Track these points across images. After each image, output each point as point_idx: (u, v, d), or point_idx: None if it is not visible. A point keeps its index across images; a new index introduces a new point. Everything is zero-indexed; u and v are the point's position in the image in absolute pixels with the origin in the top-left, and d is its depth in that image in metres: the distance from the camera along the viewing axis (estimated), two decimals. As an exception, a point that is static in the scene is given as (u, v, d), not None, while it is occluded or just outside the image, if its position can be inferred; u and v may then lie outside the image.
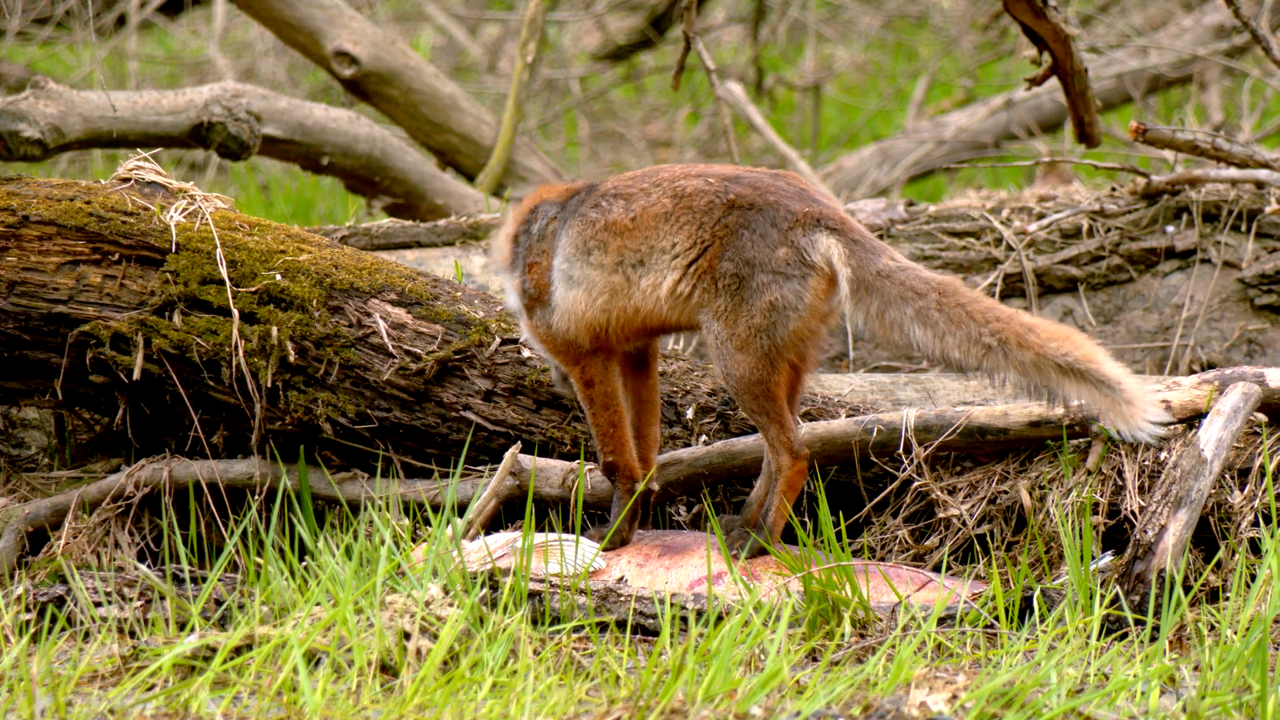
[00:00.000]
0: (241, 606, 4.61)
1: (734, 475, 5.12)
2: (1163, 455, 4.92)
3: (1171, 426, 4.83)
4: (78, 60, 12.07)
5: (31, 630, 4.56)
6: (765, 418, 4.70)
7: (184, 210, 5.40)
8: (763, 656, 4.23)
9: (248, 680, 4.03)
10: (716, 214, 4.69)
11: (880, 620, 4.50)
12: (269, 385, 5.27)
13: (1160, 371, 6.57)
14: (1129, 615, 4.54)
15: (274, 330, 5.27)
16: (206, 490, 5.34)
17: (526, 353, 5.31)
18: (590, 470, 5.11)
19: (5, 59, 10.92)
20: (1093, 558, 4.79)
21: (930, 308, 4.52)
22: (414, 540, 5.04)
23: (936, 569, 4.92)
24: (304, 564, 4.67)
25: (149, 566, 5.10)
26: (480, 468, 5.29)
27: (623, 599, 4.62)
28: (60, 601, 4.70)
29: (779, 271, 4.63)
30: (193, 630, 4.46)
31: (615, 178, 4.89)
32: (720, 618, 4.46)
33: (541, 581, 4.62)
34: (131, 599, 4.69)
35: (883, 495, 5.14)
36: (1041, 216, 6.68)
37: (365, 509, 5.14)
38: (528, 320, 4.91)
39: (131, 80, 11.44)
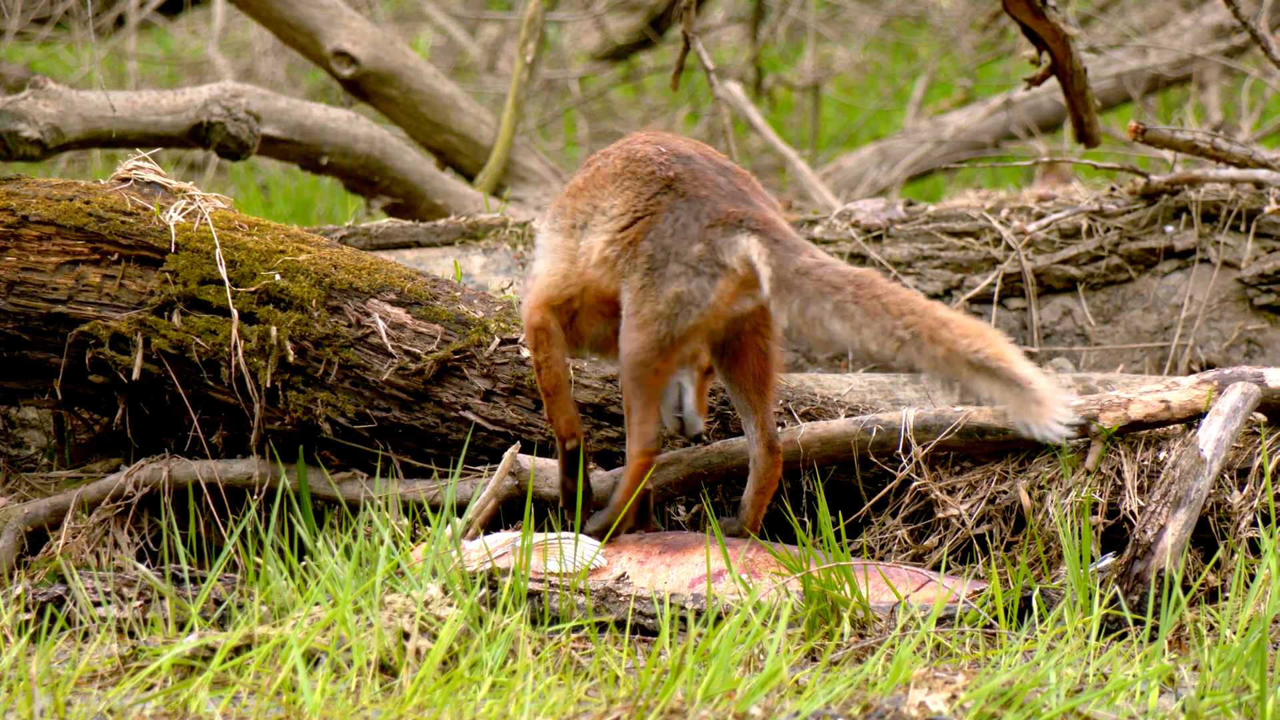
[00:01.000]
0: (241, 606, 4.61)
1: (733, 475, 5.12)
2: (1162, 455, 4.93)
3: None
4: (77, 60, 12.07)
5: (31, 630, 4.56)
6: (637, 400, 4.74)
7: (183, 210, 5.40)
8: (762, 656, 4.23)
9: (247, 680, 4.03)
10: (654, 188, 4.72)
11: (879, 620, 4.51)
12: (268, 385, 5.27)
13: (1159, 371, 6.58)
14: (1128, 615, 4.54)
15: (273, 330, 5.27)
16: (206, 490, 5.34)
17: (525, 352, 5.31)
18: (591, 469, 5.11)
19: (4, 59, 10.92)
20: (1092, 558, 4.79)
21: (847, 301, 4.52)
22: (413, 540, 5.04)
23: (936, 569, 4.92)
24: (303, 564, 4.67)
25: (148, 566, 5.10)
26: (480, 468, 5.29)
27: (622, 599, 4.62)
28: (59, 601, 4.70)
29: (691, 266, 4.65)
30: (192, 630, 4.46)
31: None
32: (720, 617, 4.46)
33: (541, 581, 4.62)
34: (131, 599, 4.69)
35: (882, 495, 5.14)
36: (1041, 216, 6.68)
37: (364, 509, 5.14)
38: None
39: (131, 80, 11.44)
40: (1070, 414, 4.46)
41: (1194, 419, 4.92)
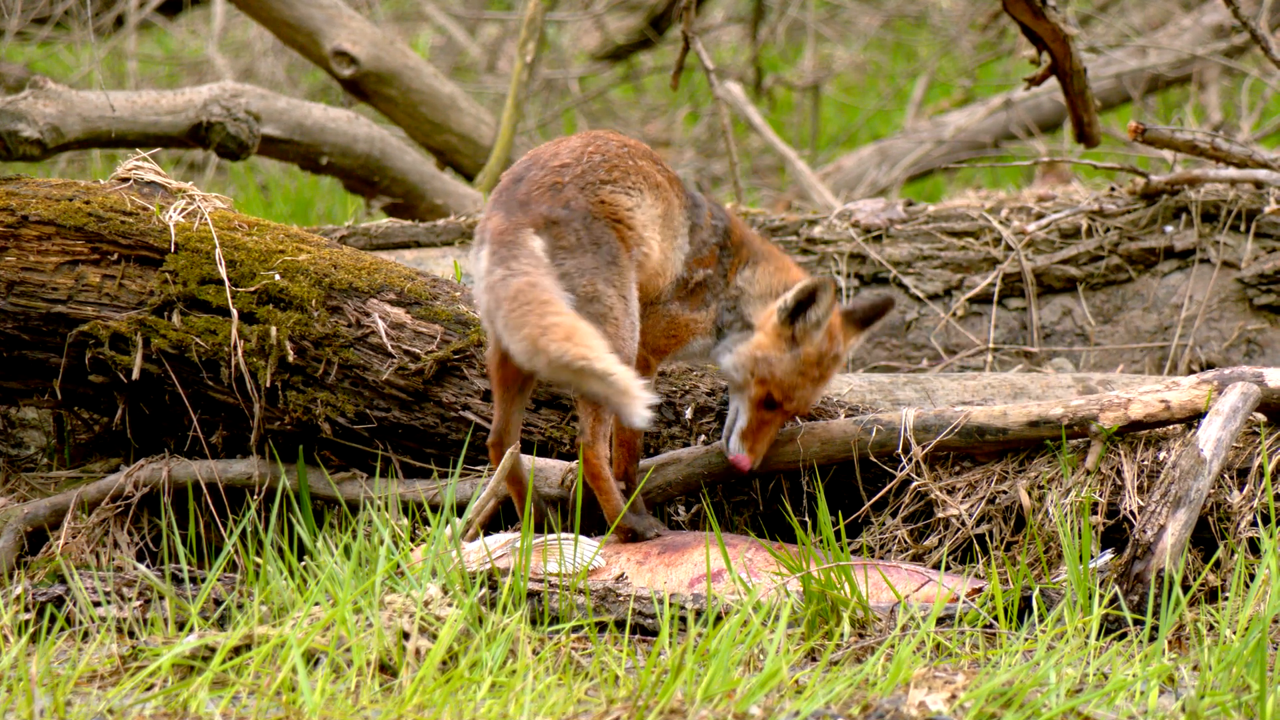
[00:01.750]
0: (240, 606, 4.61)
1: (733, 475, 5.12)
2: (1162, 455, 4.92)
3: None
4: (76, 60, 12.07)
5: (30, 630, 4.56)
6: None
7: (183, 210, 5.40)
8: (762, 656, 4.23)
9: (247, 680, 4.03)
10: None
11: (879, 620, 4.50)
12: (268, 385, 5.27)
13: (1159, 371, 6.58)
14: (1128, 615, 4.54)
15: (273, 330, 5.27)
16: (205, 490, 5.34)
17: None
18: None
19: (4, 59, 10.92)
20: (1091, 556, 4.79)
21: (510, 312, 4.60)
22: (413, 540, 5.04)
23: (936, 569, 4.92)
24: (303, 564, 4.67)
25: (148, 566, 5.09)
26: (479, 468, 5.29)
27: (621, 599, 4.62)
28: (59, 601, 4.70)
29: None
30: (192, 630, 4.46)
31: None
32: (719, 617, 4.46)
33: (540, 581, 4.62)
34: (130, 599, 4.68)
35: (882, 495, 5.14)
36: (1040, 216, 6.68)
37: (364, 509, 5.14)
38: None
39: (130, 80, 11.44)
40: (651, 396, 4.49)
41: (1194, 419, 4.92)
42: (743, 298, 4.99)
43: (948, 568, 4.98)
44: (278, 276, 5.32)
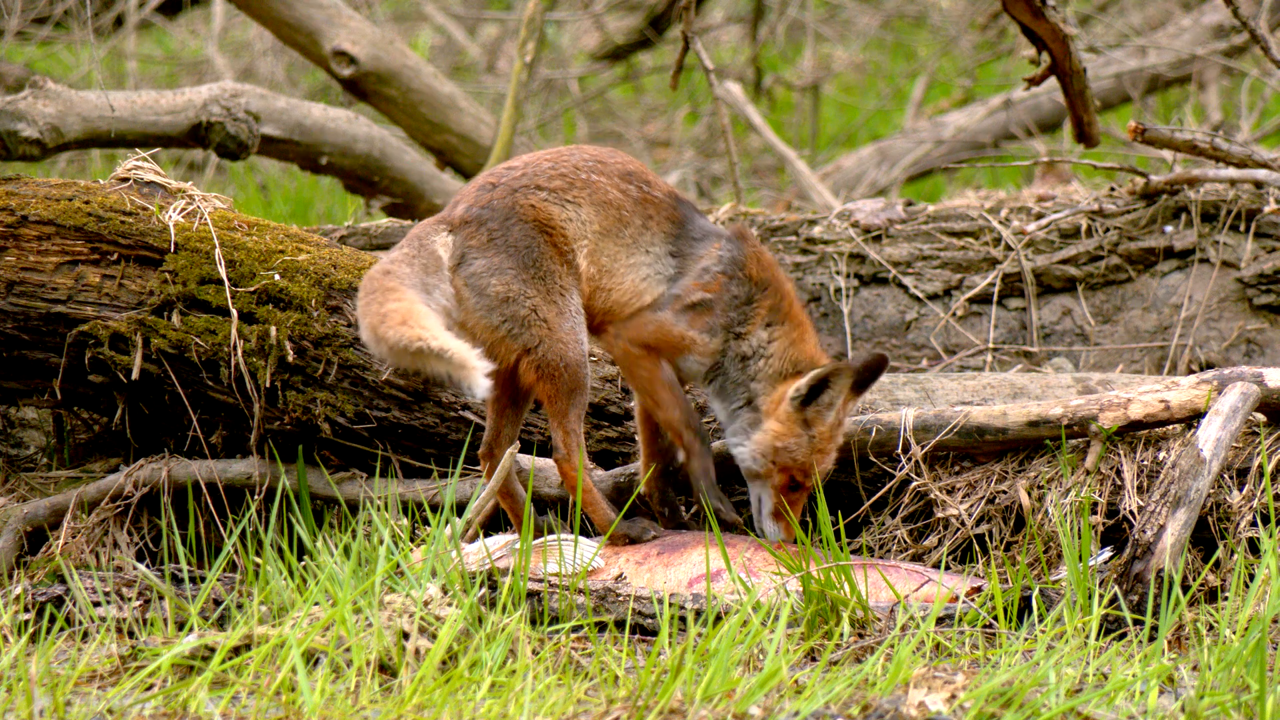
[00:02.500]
0: (240, 606, 4.61)
1: (733, 475, 5.12)
2: (1162, 455, 4.93)
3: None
4: (76, 60, 12.07)
5: (30, 630, 4.56)
6: None
7: (182, 210, 5.40)
8: (761, 656, 4.23)
9: (246, 680, 4.03)
10: None
11: (879, 620, 4.50)
12: (267, 385, 5.27)
13: (1159, 371, 6.58)
14: (1127, 615, 4.54)
15: (272, 330, 5.27)
16: (205, 490, 5.34)
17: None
18: (589, 469, 5.11)
19: (4, 59, 10.92)
20: (1091, 556, 4.79)
21: (360, 301, 4.68)
22: (413, 540, 5.04)
23: (935, 568, 4.92)
24: (303, 564, 4.67)
25: (148, 566, 5.09)
26: (479, 468, 5.29)
27: (621, 599, 4.62)
28: (59, 601, 4.70)
29: None
30: (191, 630, 4.46)
31: None
32: (719, 617, 4.46)
33: (540, 581, 4.62)
34: (130, 599, 4.68)
35: (881, 494, 5.14)
36: (1040, 216, 6.68)
37: (364, 509, 5.14)
38: None
39: (130, 80, 11.44)
40: (488, 364, 4.52)
41: (1194, 419, 4.92)
42: (753, 367, 4.96)
43: (947, 568, 4.98)
44: (277, 276, 5.32)
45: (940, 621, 4.52)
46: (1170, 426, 4.97)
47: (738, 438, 4.95)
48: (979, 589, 4.65)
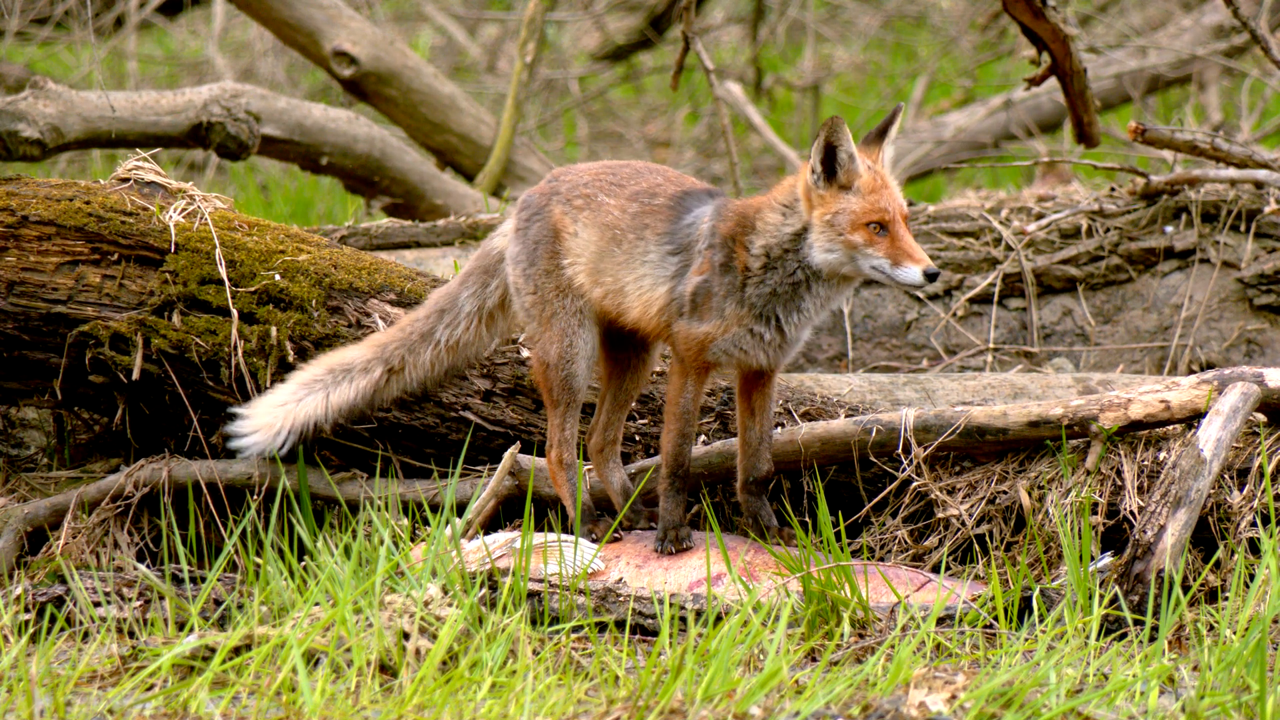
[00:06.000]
0: (240, 606, 4.61)
1: (733, 476, 5.11)
2: (1162, 455, 4.93)
3: None
4: (77, 60, 12.07)
5: (31, 630, 4.56)
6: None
7: (183, 210, 5.40)
8: (762, 656, 4.23)
9: (247, 680, 4.03)
10: None
11: (879, 620, 4.50)
12: (268, 385, 5.27)
13: (1159, 371, 6.58)
14: (1128, 615, 4.54)
15: (273, 330, 5.27)
16: (205, 490, 5.34)
17: (525, 352, 5.31)
18: (588, 470, 5.12)
19: (5, 59, 10.92)
20: (1092, 558, 4.79)
21: None
22: (413, 540, 5.04)
23: (936, 569, 4.92)
24: (303, 564, 4.67)
25: (148, 566, 5.09)
26: (479, 468, 5.29)
27: (622, 599, 4.62)
28: (59, 601, 4.70)
29: None
30: (192, 630, 4.46)
31: None
32: (719, 618, 4.46)
33: (540, 581, 4.62)
34: (131, 599, 4.68)
35: (882, 495, 5.14)
36: (1040, 216, 6.68)
37: (364, 509, 5.14)
38: None
39: (130, 80, 11.44)
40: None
41: (1194, 419, 4.92)
42: (758, 243, 4.89)
43: (948, 568, 4.98)
44: (278, 276, 5.32)
45: (941, 622, 4.52)
46: (1171, 427, 4.97)
47: (811, 253, 4.81)
48: (979, 594, 4.65)
